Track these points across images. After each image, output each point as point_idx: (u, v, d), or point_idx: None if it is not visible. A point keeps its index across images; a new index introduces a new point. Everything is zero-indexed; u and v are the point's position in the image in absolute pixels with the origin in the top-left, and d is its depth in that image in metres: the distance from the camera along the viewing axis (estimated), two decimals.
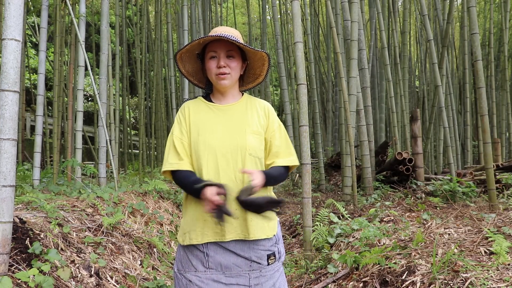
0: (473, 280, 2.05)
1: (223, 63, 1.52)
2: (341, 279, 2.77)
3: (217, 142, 1.51)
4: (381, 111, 8.65)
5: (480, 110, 4.15)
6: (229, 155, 1.50)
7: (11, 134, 2.03)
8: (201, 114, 1.58)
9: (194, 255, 1.51)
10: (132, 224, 3.77)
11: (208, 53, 1.56)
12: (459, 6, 12.06)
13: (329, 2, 5.47)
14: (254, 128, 1.57)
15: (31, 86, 11.14)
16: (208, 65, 1.56)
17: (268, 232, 1.55)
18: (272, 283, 1.54)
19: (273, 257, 1.56)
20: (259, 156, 1.56)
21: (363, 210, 4.40)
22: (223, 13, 14.32)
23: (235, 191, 1.41)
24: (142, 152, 9.21)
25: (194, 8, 7.80)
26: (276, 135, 1.62)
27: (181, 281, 1.52)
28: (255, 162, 1.54)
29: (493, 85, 9.10)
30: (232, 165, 1.50)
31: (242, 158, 1.51)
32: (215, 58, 1.54)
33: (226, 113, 1.59)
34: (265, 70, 1.66)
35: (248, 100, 1.66)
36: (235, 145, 1.51)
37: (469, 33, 6.57)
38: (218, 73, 1.53)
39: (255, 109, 1.62)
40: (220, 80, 1.54)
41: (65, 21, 7.02)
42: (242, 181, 1.50)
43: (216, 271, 1.49)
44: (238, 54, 1.56)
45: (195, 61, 1.65)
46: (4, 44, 2.06)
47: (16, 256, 2.25)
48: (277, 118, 1.67)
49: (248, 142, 1.53)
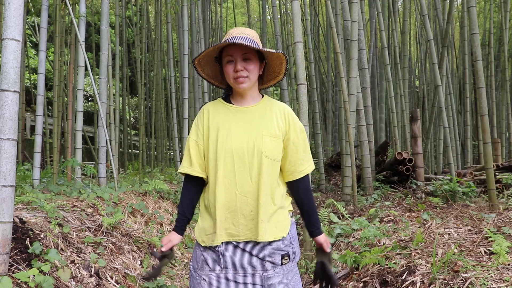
0: (473, 280, 2.05)
1: (240, 67, 1.52)
2: (341, 279, 2.77)
3: (235, 144, 1.52)
4: (381, 111, 8.65)
5: (480, 110, 4.15)
6: (246, 157, 1.51)
7: (11, 134, 2.03)
8: (220, 116, 1.60)
9: (209, 255, 1.54)
10: (132, 224, 3.77)
11: (225, 57, 1.56)
12: (459, 6, 12.06)
13: (329, 2, 5.47)
14: (272, 131, 1.57)
15: (31, 86, 11.13)
16: (225, 69, 1.56)
17: (277, 235, 1.54)
18: (285, 283, 1.54)
19: (287, 257, 1.57)
20: (276, 158, 1.56)
21: (363, 210, 4.40)
22: (223, 13, 14.32)
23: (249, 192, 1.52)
24: (142, 152, 9.21)
25: (194, 8, 7.80)
26: (300, 142, 1.63)
27: (196, 279, 1.55)
28: (272, 164, 1.54)
29: (493, 85, 9.10)
30: (248, 167, 1.51)
31: (258, 160, 1.51)
32: (232, 62, 1.54)
33: (245, 115, 1.59)
34: (283, 68, 1.67)
35: (268, 102, 1.65)
36: (251, 147, 1.52)
37: (469, 33, 6.57)
38: (235, 77, 1.53)
39: (275, 112, 1.62)
40: (238, 84, 1.55)
41: (65, 21, 7.02)
42: (257, 183, 1.51)
43: (230, 270, 1.51)
44: (255, 56, 1.56)
45: (214, 65, 1.65)
46: (4, 44, 2.06)
47: (16, 256, 2.25)
48: (299, 123, 1.66)
49: (265, 144, 1.53)
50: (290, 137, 1.60)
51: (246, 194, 1.51)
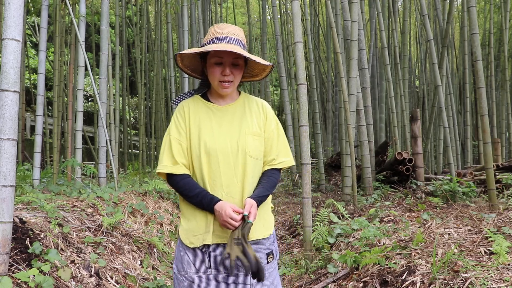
0: (473, 280, 2.05)
1: (228, 72, 1.50)
2: (341, 279, 2.77)
3: (218, 144, 1.50)
4: (381, 111, 8.65)
5: (480, 110, 4.15)
6: (230, 157, 1.50)
7: (11, 134, 2.03)
8: (200, 115, 1.55)
9: (196, 256, 1.51)
10: (132, 224, 3.77)
11: (213, 57, 1.50)
12: (459, 6, 12.06)
13: (329, 2, 5.47)
14: (253, 129, 1.56)
15: (31, 86, 11.13)
16: (211, 70, 1.52)
17: (265, 232, 1.57)
18: (271, 281, 1.56)
19: (272, 255, 1.59)
20: (259, 157, 1.57)
21: (363, 210, 4.40)
22: (223, 13, 14.32)
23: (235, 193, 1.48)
24: (142, 152, 9.22)
25: (194, 8, 7.80)
26: (275, 135, 1.62)
27: (182, 282, 1.51)
28: (255, 164, 1.55)
29: (493, 85, 9.10)
30: (233, 167, 1.50)
31: (243, 160, 1.51)
32: (220, 65, 1.50)
33: (226, 114, 1.57)
34: (263, 75, 1.67)
35: (246, 99, 1.65)
36: (235, 147, 1.51)
37: (469, 33, 6.57)
38: (222, 80, 1.51)
39: (254, 109, 1.62)
40: (223, 89, 1.52)
41: (65, 21, 7.02)
42: (242, 183, 1.51)
43: (218, 271, 1.49)
44: (243, 61, 1.54)
45: (194, 58, 1.61)
46: (4, 44, 2.06)
47: (16, 256, 2.25)
48: (275, 117, 1.66)
49: (248, 144, 1.53)
50: (267, 130, 1.60)
51: (232, 195, 1.49)
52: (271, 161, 1.60)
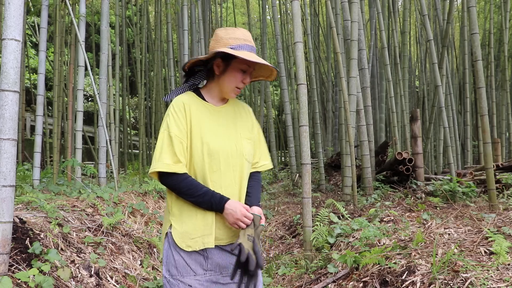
0: (473, 280, 2.05)
1: (248, 80, 1.55)
2: (341, 279, 2.77)
3: (221, 146, 1.51)
4: (381, 111, 8.65)
5: (480, 110, 4.15)
6: (231, 159, 1.52)
7: (11, 134, 2.03)
8: (198, 113, 1.52)
9: (193, 259, 1.48)
10: (132, 224, 3.77)
11: (242, 63, 1.50)
12: (459, 6, 12.06)
13: (329, 2, 5.47)
14: (248, 134, 1.62)
15: (31, 86, 11.13)
16: (235, 73, 1.51)
17: None
18: (260, 279, 1.58)
19: None
20: (250, 161, 1.61)
21: (363, 210, 4.39)
22: (223, 13, 14.32)
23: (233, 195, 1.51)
24: (142, 152, 9.21)
25: (194, 8, 7.80)
26: (257, 140, 1.68)
27: (177, 286, 1.46)
28: (248, 167, 1.60)
29: (493, 85, 9.10)
30: (232, 169, 1.52)
31: (241, 162, 1.54)
32: (244, 73, 1.52)
33: (221, 116, 1.58)
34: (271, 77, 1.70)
35: (234, 102, 1.67)
36: (235, 150, 1.54)
37: (469, 33, 6.57)
38: (238, 87, 1.54)
39: (243, 113, 1.66)
40: (234, 94, 1.57)
41: (65, 21, 7.01)
42: (239, 185, 1.53)
43: (215, 272, 1.50)
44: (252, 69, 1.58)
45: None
46: (4, 44, 2.06)
47: (16, 256, 2.25)
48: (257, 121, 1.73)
49: (244, 147, 1.57)
50: (253, 134, 1.66)
51: (231, 196, 1.49)
52: (255, 164, 1.66)
